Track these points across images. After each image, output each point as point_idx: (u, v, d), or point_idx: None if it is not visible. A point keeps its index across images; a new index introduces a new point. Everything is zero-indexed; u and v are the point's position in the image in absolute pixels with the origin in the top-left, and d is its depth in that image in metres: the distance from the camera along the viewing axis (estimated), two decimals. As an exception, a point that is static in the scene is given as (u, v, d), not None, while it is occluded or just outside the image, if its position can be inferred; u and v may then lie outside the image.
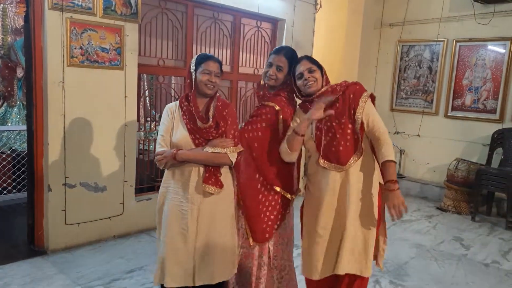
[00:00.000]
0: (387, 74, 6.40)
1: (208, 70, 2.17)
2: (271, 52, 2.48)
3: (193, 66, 2.22)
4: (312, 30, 5.43)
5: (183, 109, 2.23)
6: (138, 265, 3.29)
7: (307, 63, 2.27)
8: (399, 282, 3.27)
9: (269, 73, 2.38)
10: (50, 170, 3.37)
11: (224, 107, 2.25)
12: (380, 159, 2.17)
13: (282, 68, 2.37)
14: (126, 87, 3.69)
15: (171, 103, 2.33)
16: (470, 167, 5.17)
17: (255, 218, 2.38)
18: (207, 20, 4.48)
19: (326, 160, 2.22)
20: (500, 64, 5.31)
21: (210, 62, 2.19)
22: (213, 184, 2.17)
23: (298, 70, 2.29)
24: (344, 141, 2.19)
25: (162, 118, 2.28)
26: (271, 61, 2.39)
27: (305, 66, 2.26)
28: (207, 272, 2.22)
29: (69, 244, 3.54)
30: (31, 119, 3.38)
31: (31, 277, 3.03)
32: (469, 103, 5.60)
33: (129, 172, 3.83)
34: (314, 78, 2.24)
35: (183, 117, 2.22)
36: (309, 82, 2.24)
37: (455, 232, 4.55)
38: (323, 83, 2.28)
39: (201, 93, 2.22)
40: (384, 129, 2.20)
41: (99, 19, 3.44)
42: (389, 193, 2.10)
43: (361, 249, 2.24)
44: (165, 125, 2.23)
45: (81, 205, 3.56)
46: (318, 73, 2.27)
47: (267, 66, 2.42)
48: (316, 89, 2.26)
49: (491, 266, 3.68)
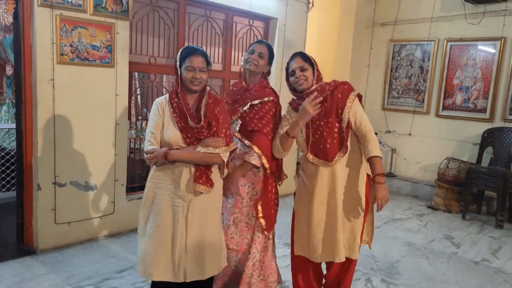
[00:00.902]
0: (379, 74, 6.43)
1: (192, 67, 2.12)
2: (252, 43, 2.59)
3: (178, 61, 2.18)
4: (304, 29, 5.43)
5: (173, 105, 2.19)
6: (129, 265, 3.27)
7: (300, 61, 2.36)
8: (390, 280, 3.29)
9: (251, 58, 2.49)
10: (39, 169, 3.33)
11: (215, 105, 2.23)
12: (366, 155, 2.33)
13: (263, 56, 2.51)
14: (117, 85, 3.66)
15: (160, 98, 2.26)
16: (460, 166, 5.21)
17: (268, 205, 2.61)
18: (199, 18, 4.46)
19: (315, 156, 2.39)
20: (490, 64, 5.35)
21: (194, 57, 2.13)
22: (204, 183, 2.17)
23: (291, 67, 2.39)
24: (331, 139, 2.34)
25: (151, 114, 2.23)
26: (253, 48, 2.52)
27: (297, 64, 2.36)
28: (198, 268, 2.23)
29: (59, 243, 3.50)
30: (20, 117, 3.35)
31: (21, 277, 2.99)
32: (459, 103, 5.64)
33: (120, 171, 3.80)
34: (305, 77, 2.34)
35: (174, 114, 2.18)
36: (300, 81, 2.35)
37: (445, 230, 4.59)
38: (314, 80, 2.38)
39: (188, 89, 2.18)
40: (370, 127, 2.35)
41: (90, 16, 3.41)
42: (378, 186, 2.33)
43: (349, 236, 2.45)
44: (155, 121, 2.18)
45: (71, 204, 3.53)
46: (309, 71, 2.36)
47: (248, 53, 2.52)
48: (307, 87, 2.36)
49: (481, 264, 3.71)
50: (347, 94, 2.34)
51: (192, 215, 2.19)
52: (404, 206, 5.44)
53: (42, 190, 3.36)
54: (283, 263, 3.48)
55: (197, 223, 2.21)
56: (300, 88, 2.37)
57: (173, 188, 2.18)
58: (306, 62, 2.36)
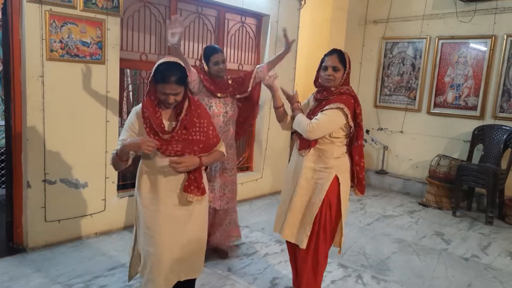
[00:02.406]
0: (371, 71, 6.45)
1: (164, 93, 2.02)
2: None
3: (151, 76, 2.06)
4: (297, 26, 5.43)
5: (144, 116, 2.10)
6: (120, 262, 3.25)
7: (335, 60, 2.50)
8: (381, 276, 3.31)
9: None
10: (29, 166, 3.30)
11: (196, 109, 2.20)
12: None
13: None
14: (107, 82, 3.64)
15: (138, 106, 2.16)
16: (451, 163, 5.25)
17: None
18: (191, 14, 4.44)
19: (299, 145, 2.64)
20: (481, 62, 5.39)
21: (167, 85, 2.00)
22: (194, 192, 2.18)
23: (325, 62, 2.54)
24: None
25: (127, 122, 2.16)
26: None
27: (332, 62, 2.50)
28: (193, 267, 2.31)
29: (49, 241, 3.48)
30: (9, 114, 3.31)
31: (10, 275, 2.97)
32: (451, 100, 5.68)
33: (111, 168, 3.75)
34: (334, 77, 2.49)
35: (144, 125, 2.10)
36: (328, 78, 2.50)
37: (436, 227, 4.62)
38: (341, 82, 2.52)
39: (164, 104, 2.11)
40: (317, 122, 2.46)
41: (80, 12, 3.37)
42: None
43: (298, 223, 2.62)
44: (129, 132, 2.13)
45: (62, 201, 3.50)
46: (340, 72, 2.50)
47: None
48: (332, 85, 2.52)
49: (470, 260, 3.75)
50: (331, 103, 2.48)
51: (189, 220, 2.24)
52: (395, 203, 5.47)
53: (32, 188, 3.33)
54: (274, 260, 3.49)
55: (191, 225, 2.26)
56: (326, 84, 2.53)
57: (172, 198, 2.19)
58: (340, 63, 2.49)
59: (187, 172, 2.16)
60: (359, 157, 2.58)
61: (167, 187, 2.17)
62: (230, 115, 3.24)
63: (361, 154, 2.59)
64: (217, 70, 3.11)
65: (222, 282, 3.06)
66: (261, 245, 3.77)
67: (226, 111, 3.21)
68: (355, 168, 2.60)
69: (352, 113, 2.46)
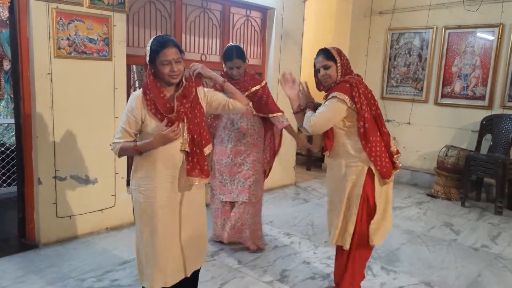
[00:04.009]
0: (377, 62, 6.41)
1: (167, 60, 2.04)
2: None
3: (148, 56, 2.07)
4: (302, 19, 5.41)
5: (147, 99, 2.08)
6: (131, 257, 3.29)
7: (322, 60, 2.52)
8: (390, 267, 3.32)
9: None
10: (39, 163, 3.34)
11: (197, 84, 2.25)
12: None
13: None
14: (115, 78, 3.66)
15: (138, 92, 2.13)
16: (459, 154, 5.22)
17: None
18: (196, 9, 4.44)
19: (323, 147, 2.71)
20: (488, 51, 5.34)
21: (167, 50, 2.03)
22: (198, 175, 2.16)
23: (316, 65, 2.57)
24: (324, 134, 2.57)
25: (127, 107, 2.13)
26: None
27: (320, 63, 2.53)
28: (195, 258, 2.31)
29: (61, 237, 3.52)
30: (18, 112, 3.34)
31: (23, 271, 3.02)
32: (458, 90, 5.64)
33: (120, 164, 3.81)
34: (328, 75, 2.51)
35: (149, 107, 2.08)
36: (324, 79, 2.54)
37: (445, 218, 4.61)
38: (339, 75, 2.51)
39: (166, 83, 2.11)
40: (316, 115, 2.46)
41: (86, 9, 3.39)
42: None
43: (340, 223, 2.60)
44: (129, 117, 2.09)
45: (72, 197, 3.54)
46: (333, 68, 2.51)
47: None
48: (332, 81, 2.53)
49: (480, 250, 3.74)
50: (330, 93, 2.48)
51: (188, 207, 2.22)
52: (403, 195, 5.46)
53: (43, 184, 3.37)
54: (283, 253, 3.51)
55: (191, 214, 2.24)
56: (326, 85, 2.56)
57: (170, 184, 2.15)
58: (329, 60, 2.49)
59: (186, 155, 2.13)
60: (365, 141, 2.46)
61: (166, 172, 2.13)
62: (241, 113, 3.24)
63: (366, 138, 2.45)
64: (230, 74, 3.20)
65: (232, 275, 3.09)
66: (270, 238, 3.79)
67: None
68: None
69: (350, 97, 2.42)
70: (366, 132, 2.44)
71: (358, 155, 2.49)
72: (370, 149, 2.45)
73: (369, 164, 2.48)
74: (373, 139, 2.45)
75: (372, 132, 2.46)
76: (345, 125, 2.50)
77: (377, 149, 2.46)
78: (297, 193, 5.30)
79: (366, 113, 2.44)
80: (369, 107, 2.47)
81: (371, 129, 2.45)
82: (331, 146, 2.56)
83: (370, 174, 2.50)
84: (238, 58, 3.17)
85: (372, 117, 2.48)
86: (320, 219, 4.32)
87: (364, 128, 2.44)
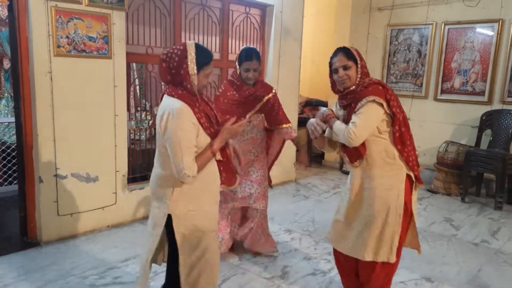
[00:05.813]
0: (377, 59, 6.40)
1: (208, 74, 2.07)
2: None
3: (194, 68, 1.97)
4: (301, 16, 5.40)
5: (196, 112, 1.99)
6: (133, 254, 3.30)
7: (342, 59, 2.30)
8: (391, 263, 3.32)
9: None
10: (40, 162, 3.34)
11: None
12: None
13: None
14: (115, 76, 3.66)
15: (181, 107, 1.94)
16: (459, 149, 5.23)
17: None
18: (195, 6, 4.44)
19: (349, 158, 2.44)
20: (488, 46, 5.33)
21: (212, 64, 2.05)
22: (224, 182, 2.28)
23: (333, 65, 2.34)
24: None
25: (184, 126, 1.93)
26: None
27: (340, 62, 2.31)
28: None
29: (63, 235, 3.53)
30: (19, 110, 3.35)
31: (25, 269, 3.03)
32: (458, 86, 5.64)
33: (121, 161, 3.82)
34: (347, 76, 2.30)
35: (201, 120, 2.01)
36: (343, 80, 2.31)
37: (445, 213, 4.62)
38: (358, 77, 2.31)
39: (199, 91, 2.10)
40: (356, 125, 2.21)
41: (85, 7, 3.39)
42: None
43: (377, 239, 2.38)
44: (192, 134, 1.97)
45: (73, 195, 3.55)
46: (353, 68, 2.30)
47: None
48: (350, 85, 2.32)
49: (480, 245, 3.76)
50: (362, 98, 2.25)
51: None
52: (404, 191, 5.46)
53: (44, 183, 3.38)
54: (284, 249, 3.52)
55: None
56: (343, 86, 2.34)
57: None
58: (349, 59, 2.29)
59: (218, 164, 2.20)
60: (401, 145, 2.30)
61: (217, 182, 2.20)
62: (254, 124, 3.20)
63: (403, 142, 2.30)
64: (245, 77, 3.05)
65: (233, 271, 3.10)
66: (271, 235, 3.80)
67: (250, 121, 3.16)
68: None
69: (385, 100, 2.24)
70: (402, 136, 2.28)
71: (396, 162, 2.30)
72: (407, 153, 2.29)
73: (407, 171, 2.32)
74: (409, 143, 2.30)
75: (407, 136, 2.30)
76: (379, 131, 2.29)
77: (412, 154, 2.31)
78: (297, 190, 5.31)
79: (401, 116, 2.28)
80: (400, 109, 2.30)
81: (406, 133, 2.29)
82: (364, 155, 2.32)
83: (407, 181, 2.33)
84: (257, 60, 3.03)
85: (404, 119, 2.31)
86: (321, 216, 4.33)
87: (400, 132, 2.28)
